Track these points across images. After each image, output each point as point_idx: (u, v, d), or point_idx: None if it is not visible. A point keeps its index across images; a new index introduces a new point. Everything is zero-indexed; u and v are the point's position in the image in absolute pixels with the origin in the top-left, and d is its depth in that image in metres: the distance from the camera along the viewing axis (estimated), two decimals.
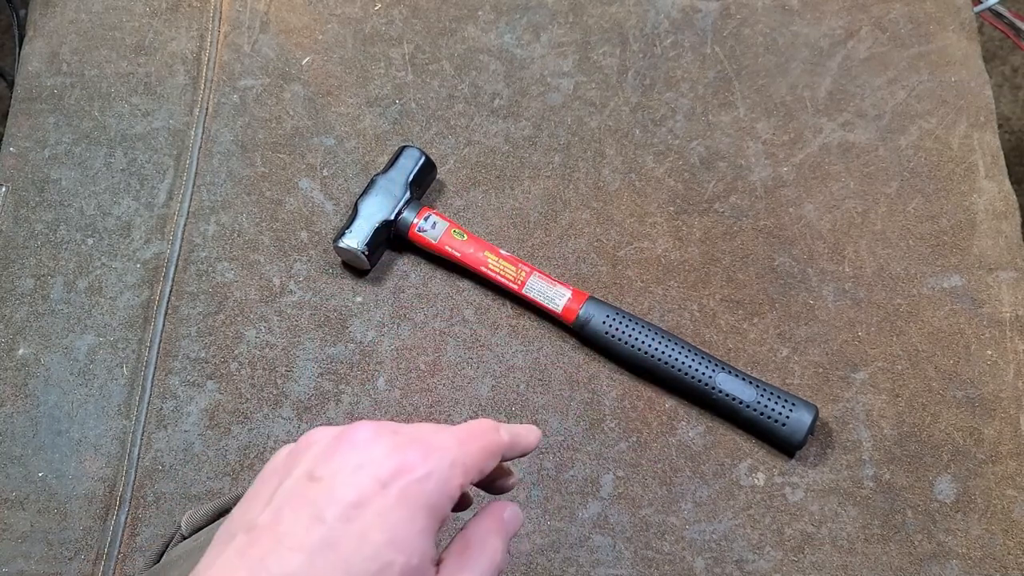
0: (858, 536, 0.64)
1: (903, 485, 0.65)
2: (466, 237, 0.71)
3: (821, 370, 0.69)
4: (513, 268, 0.70)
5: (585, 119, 0.79)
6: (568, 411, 0.68)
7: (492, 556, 0.37)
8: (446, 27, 0.83)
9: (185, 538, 0.59)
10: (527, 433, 0.41)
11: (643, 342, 0.67)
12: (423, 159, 0.74)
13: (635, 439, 0.67)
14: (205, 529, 0.57)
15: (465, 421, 0.39)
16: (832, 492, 0.65)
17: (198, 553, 0.52)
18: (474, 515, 0.39)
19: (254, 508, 0.35)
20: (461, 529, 0.38)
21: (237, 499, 0.59)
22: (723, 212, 0.75)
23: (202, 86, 0.81)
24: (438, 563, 0.36)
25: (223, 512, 0.58)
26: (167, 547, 0.62)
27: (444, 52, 0.82)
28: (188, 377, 0.70)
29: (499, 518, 0.38)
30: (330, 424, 0.68)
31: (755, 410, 0.64)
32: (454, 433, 0.37)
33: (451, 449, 0.35)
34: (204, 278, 0.74)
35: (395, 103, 0.80)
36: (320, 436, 0.36)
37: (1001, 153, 0.76)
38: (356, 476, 0.33)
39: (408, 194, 0.72)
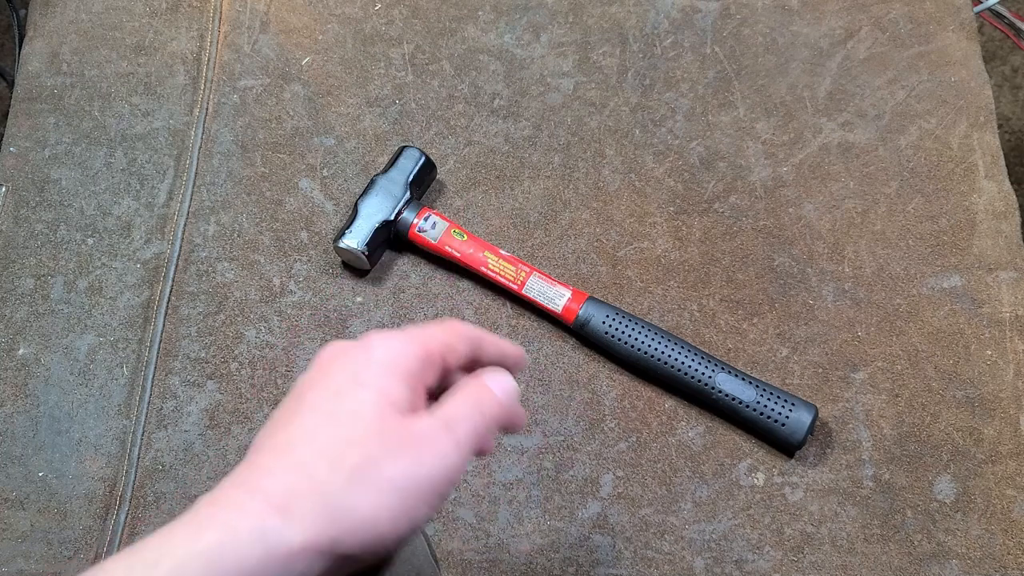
0: (858, 536, 0.64)
1: (903, 485, 0.65)
2: (466, 237, 0.71)
3: (821, 370, 0.69)
4: (513, 268, 0.70)
5: (585, 119, 0.79)
6: (568, 411, 0.68)
7: (477, 399, 0.39)
8: (446, 27, 0.83)
9: None
10: (504, 341, 0.43)
11: (643, 342, 0.67)
12: (423, 159, 0.74)
13: (635, 439, 0.67)
14: None
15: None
16: (832, 492, 0.65)
17: None
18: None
19: None
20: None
21: None
22: (723, 212, 0.75)
23: (202, 86, 0.81)
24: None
25: None
26: None
27: (444, 52, 0.82)
28: (188, 377, 0.70)
29: (481, 380, 0.40)
30: None
31: (755, 410, 0.64)
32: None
33: (410, 332, 0.39)
34: (204, 278, 0.74)
35: (395, 103, 0.80)
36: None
37: (1001, 153, 0.76)
38: (327, 349, 0.39)
39: (408, 194, 0.72)
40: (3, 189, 0.78)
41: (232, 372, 0.70)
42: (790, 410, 0.64)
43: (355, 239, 0.70)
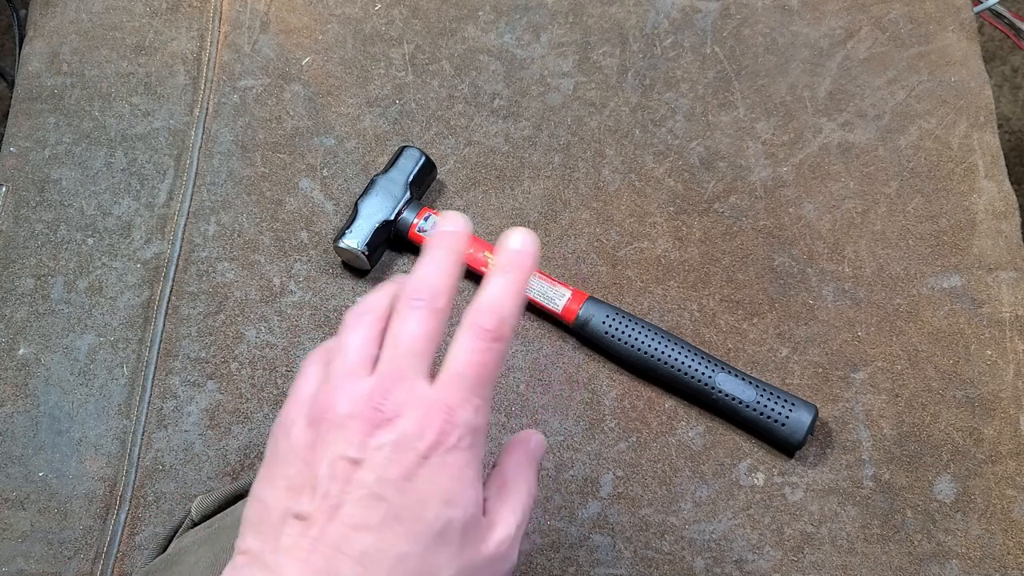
0: (858, 536, 0.64)
1: (903, 485, 0.65)
2: None
3: (821, 370, 0.69)
4: None
5: (585, 119, 0.79)
6: (568, 411, 0.68)
7: (528, 487, 0.39)
8: (446, 27, 0.83)
9: (196, 523, 0.59)
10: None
11: (643, 342, 0.67)
12: (423, 159, 0.74)
13: (635, 439, 0.67)
14: (218, 516, 0.57)
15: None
16: (832, 492, 0.65)
17: (214, 540, 0.52)
18: (503, 450, 0.41)
19: (294, 496, 0.36)
20: (494, 465, 0.40)
21: (250, 486, 0.58)
22: (723, 212, 0.75)
23: (202, 86, 0.81)
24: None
25: (237, 498, 0.58)
26: (175, 534, 0.61)
27: (444, 52, 0.82)
28: (188, 377, 0.70)
29: (527, 449, 0.41)
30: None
31: (755, 410, 0.64)
32: (457, 373, 0.37)
33: (466, 398, 0.36)
34: (204, 278, 0.74)
35: (395, 103, 0.80)
36: (337, 414, 0.37)
37: (1001, 153, 0.76)
38: (398, 454, 0.35)
39: (408, 194, 0.72)
40: (3, 189, 0.78)
41: (232, 372, 0.70)
42: (790, 410, 0.64)
43: (355, 239, 0.70)
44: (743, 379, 0.65)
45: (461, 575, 0.35)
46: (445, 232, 0.39)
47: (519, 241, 0.39)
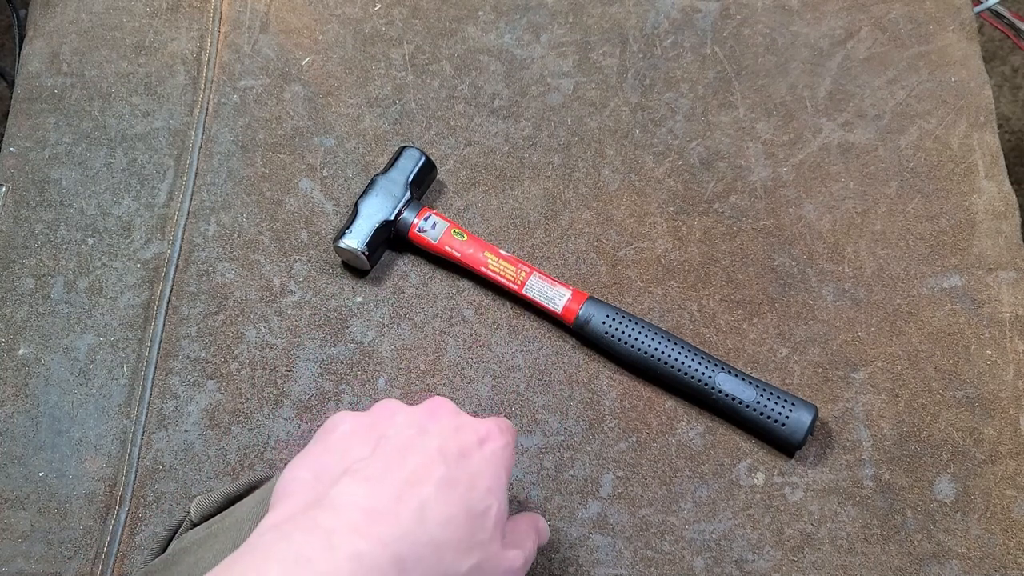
0: (858, 536, 0.64)
1: (903, 485, 0.65)
2: (466, 237, 0.71)
3: (821, 370, 0.69)
4: (513, 268, 0.70)
5: (585, 119, 0.79)
6: (568, 411, 0.68)
7: (536, 539, 0.45)
8: (446, 27, 0.83)
9: (195, 524, 0.59)
10: None
11: (643, 342, 0.67)
12: (423, 159, 0.74)
13: (635, 439, 0.67)
14: (217, 517, 0.57)
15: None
16: (832, 492, 0.65)
17: (212, 541, 0.52)
18: (515, 515, 0.47)
19: (352, 457, 0.39)
20: (507, 520, 0.45)
21: (249, 486, 0.59)
22: (723, 212, 0.75)
23: (202, 86, 0.81)
24: None
25: (235, 499, 0.58)
26: (174, 535, 0.62)
27: (444, 52, 0.82)
28: (188, 377, 0.70)
29: (536, 523, 0.47)
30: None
31: (755, 410, 0.64)
32: (502, 420, 0.45)
33: (509, 432, 0.44)
34: (204, 278, 0.74)
35: (395, 103, 0.80)
36: (399, 406, 0.43)
37: (1001, 153, 0.76)
38: (460, 434, 0.41)
39: (408, 194, 0.73)
40: (3, 189, 0.78)
41: (232, 372, 0.70)
42: (790, 410, 0.64)
43: (355, 239, 0.70)
44: (743, 379, 0.65)
45: (483, 567, 0.38)
46: None
47: None
